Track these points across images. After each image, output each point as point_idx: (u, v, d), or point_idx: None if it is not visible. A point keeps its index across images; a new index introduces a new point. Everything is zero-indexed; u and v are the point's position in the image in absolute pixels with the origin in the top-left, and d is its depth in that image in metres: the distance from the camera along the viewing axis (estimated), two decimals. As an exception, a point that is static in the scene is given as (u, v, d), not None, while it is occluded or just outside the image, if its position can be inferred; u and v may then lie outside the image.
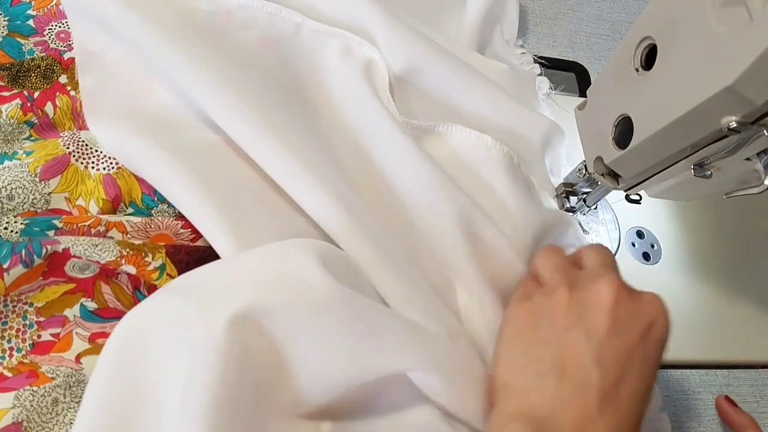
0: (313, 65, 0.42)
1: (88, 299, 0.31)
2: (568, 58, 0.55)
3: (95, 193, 0.34)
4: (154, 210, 0.35)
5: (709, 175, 0.31)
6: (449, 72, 0.43)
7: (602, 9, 0.61)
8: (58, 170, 0.34)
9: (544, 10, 0.58)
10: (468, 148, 0.41)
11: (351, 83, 0.41)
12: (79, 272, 0.31)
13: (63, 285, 0.30)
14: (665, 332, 0.30)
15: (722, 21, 0.26)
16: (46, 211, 0.33)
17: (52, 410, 0.29)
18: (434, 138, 0.42)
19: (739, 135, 0.27)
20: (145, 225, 0.33)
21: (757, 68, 0.24)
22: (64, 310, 0.30)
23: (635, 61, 0.32)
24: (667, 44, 0.30)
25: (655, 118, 0.30)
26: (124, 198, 0.35)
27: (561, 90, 0.51)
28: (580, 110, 0.39)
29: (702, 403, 0.41)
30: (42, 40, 0.39)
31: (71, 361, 0.30)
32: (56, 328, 0.30)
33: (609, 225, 0.47)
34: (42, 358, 0.29)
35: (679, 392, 0.42)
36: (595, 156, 0.37)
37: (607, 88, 0.36)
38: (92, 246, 0.30)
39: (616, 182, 0.37)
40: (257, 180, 0.35)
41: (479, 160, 0.41)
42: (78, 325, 0.30)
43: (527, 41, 0.55)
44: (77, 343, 0.30)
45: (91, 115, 0.36)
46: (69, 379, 0.29)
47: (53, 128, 0.36)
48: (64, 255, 0.29)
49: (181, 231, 0.34)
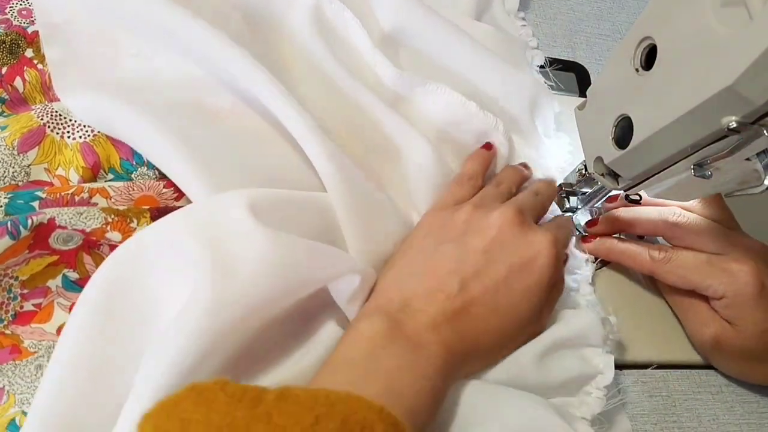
0: (281, 26, 0.42)
1: (70, 270, 0.31)
2: (568, 58, 0.55)
3: (74, 162, 0.34)
4: (133, 174, 0.36)
5: (709, 175, 0.31)
6: (436, 32, 0.44)
7: (602, 9, 0.61)
8: (34, 142, 0.34)
9: (544, 10, 0.58)
10: (450, 113, 0.42)
11: (319, 46, 0.41)
12: (63, 244, 0.31)
13: (47, 257, 0.31)
14: (542, 269, 0.32)
15: (722, 21, 0.26)
16: (27, 183, 0.33)
17: (36, 373, 0.29)
18: (415, 101, 0.43)
19: (739, 135, 0.27)
20: (127, 188, 0.34)
21: (757, 68, 0.24)
22: (47, 281, 0.31)
23: (635, 61, 0.32)
24: (667, 44, 0.30)
25: (655, 118, 0.30)
26: (103, 164, 0.35)
27: (561, 90, 0.51)
28: (580, 110, 0.39)
29: (702, 403, 0.41)
30: (4, 18, 0.39)
31: (53, 334, 0.30)
32: (38, 299, 0.31)
33: (609, 225, 0.47)
34: (23, 329, 0.30)
35: (679, 392, 0.42)
36: (595, 156, 0.37)
37: (607, 88, 0.36)
38: (77, 215, 0.30)
39: (616, 182, 0.37)
40: (233, 134, 0.36)
41: (460, 127, 0.42)
42: (60, 295, 0.31)
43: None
44: (59, 314, 0.31)
45: (61, 86, 0.36)
46: (51, 350, 0.30)
47: (24, 102, 0.37)
48: (49, 226, 0.30)
49: (164, 191, 0.35)
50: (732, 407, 0.42)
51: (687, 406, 0.41)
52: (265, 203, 0.30)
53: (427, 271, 0.31)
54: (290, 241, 0.29)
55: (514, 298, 0.31)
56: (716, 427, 0.41)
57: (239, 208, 0.29)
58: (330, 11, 0.43)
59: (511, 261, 0.31)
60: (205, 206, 0.30)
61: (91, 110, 0.35)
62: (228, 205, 0.29)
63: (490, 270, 0.31)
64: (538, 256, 0.32)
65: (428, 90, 0.42)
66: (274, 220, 0.29)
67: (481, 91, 0.44)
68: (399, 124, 0.39)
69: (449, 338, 0.29)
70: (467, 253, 0.31)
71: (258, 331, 0.29)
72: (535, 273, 0.31)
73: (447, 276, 0.31)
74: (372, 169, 0.39)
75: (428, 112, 0.42)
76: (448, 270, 0.31)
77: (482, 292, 0.30)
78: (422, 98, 0.43)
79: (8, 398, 0.28)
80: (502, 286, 0.31)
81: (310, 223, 0.33)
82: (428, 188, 0.38)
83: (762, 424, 0.41)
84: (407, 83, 0.42)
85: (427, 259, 0.32)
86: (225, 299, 0.26)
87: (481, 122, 0.42)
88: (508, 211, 0.33)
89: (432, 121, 0.42)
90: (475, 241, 0.32)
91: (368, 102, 0.40)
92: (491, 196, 0.36)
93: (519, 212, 0.33)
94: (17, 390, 0.28)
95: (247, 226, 0.28)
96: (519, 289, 0.31)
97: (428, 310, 0.29)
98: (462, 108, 0.42)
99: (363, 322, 0.29)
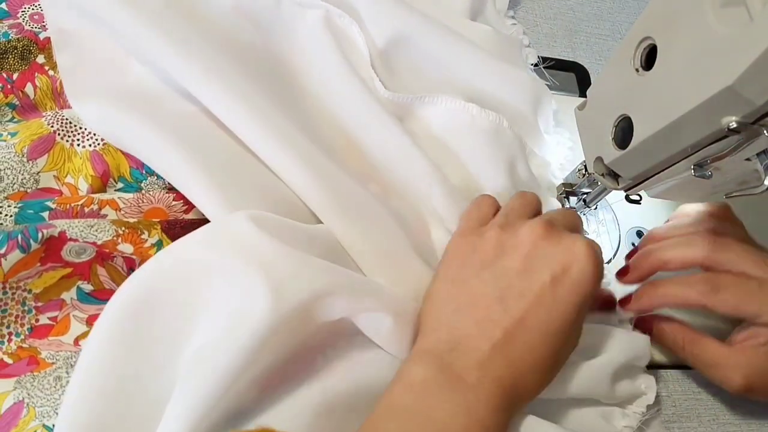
0: (292, 37, 0.42)
1: (84, 282, 0.31)
2: (568, 58, 0.55)
3: (83, 170, 0.34)
4: (143, 183, 0.35)
5: (709, 175, 0.31)
6: (434, 40, 0.44)
7: (602, 9, 0.61)
8: (44, 149, 0.34)
9: (544, 10, 0.58)
10: (453, 119, 0.42)
11: (330, 56, 0.41)
12: (76, 257, 0.31)
13: (60, 270, 0.31)
14: (583, 275, 0.30)
15: (722, 21, 0.26)
16: (36, 191, 0.33)
17: (55, 385, 0.29)
18: (419, 113, 0.43)
19: (739, 135, 0.27)
20: (137, 200, 0.34)
21: (757, 68, 0.24)
22: (61, 293, 0.31)
23: (635, 61, 0.32)
24: (667, 44, 0.30)
25: (655, 118, 0.30)
26: (113, 173, 0.35)
27: (561, 90, 0.51)
28: (580, 110, 0.39)
29: (702, 403, 0.41)
30: (16, 22, 0.38)
31: (70, 345, 0.30)
32: (54, 312, 0.30)
33: (609, 225, 0.47)
34: (41, 342, 0.30)
35: (679, 392, 0.41)
36: (595, 156, 0.37)
37: (607, 88, 0.36)
38: (88, 227, 0.30)
39: (616, 182, 0.37)
40: (242, 148, 0.35)
41: (464, 131, 0.42)
42: (75, 307, 0.31)
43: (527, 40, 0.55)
44: (75, 326, 0.30)
45: (73, 94, 0.36)
46: (69, 361, 0.30)
47: (35, 109, 0.36)
48: (60, 239, 0.30)
49: (173, 203, 0.35)
50: (732, 407, 0.42)
51: (687, 406, 0.41)
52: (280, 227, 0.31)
53: (471, 304, 0.30)
54: (325, 266, 0.29)
55: (562, 311, 0.30)
56: (716, 427, 0.41)
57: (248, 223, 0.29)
58: (341, 23, 0.43)
59: (551, 270, 0.30)
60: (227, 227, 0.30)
61: (101, 121, 0.35)
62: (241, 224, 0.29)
63: (532, 286, 0.30)
64: (578, 260, 0.30)
65: (426, 103, 0.42)
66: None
67: (483, 93, 0.44)
68: (402, 143, 0.39)
69: (500, 371, 0.28)
70: (505, 277, 0.30)
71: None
72: (577, 277, 0.30)
73: (491, 305, 0.30)
74: (375, 181, 0.39)
75: (431, 123, 0.42)
76: (491, 298, 0.30)
77: (529, 311, 0.29)
78: (423, 111, 0.43)
79: (28, 411, 0.28)
80: (547, 298, 0.29)
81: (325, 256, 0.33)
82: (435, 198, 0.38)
83: (762, 424, 0.41)
84: (403, 101, 0.42)
85: (467, 292, 0.31)
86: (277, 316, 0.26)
87: (485, 122, 0.42)
88: (537, 225, 0.32)
89: (437, 133, 0.42)
90: (510, 262, 0.31)
91: (373, 117, 0.39)
92: (516, 212, 0.35)
93: (548, 224, 0.32)
94: (37, 403, 0.28)
95: (272, 246, 0.28)
96: (566, 300, 0.30)
97: (478, 345, 0.29)
98: (464, 112, 0.42)
99: (414, 367, 0.28)
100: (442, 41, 0.44)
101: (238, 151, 0.35)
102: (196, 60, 0.34)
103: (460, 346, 0.29)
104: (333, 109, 0.41)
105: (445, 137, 0.42)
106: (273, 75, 0.39)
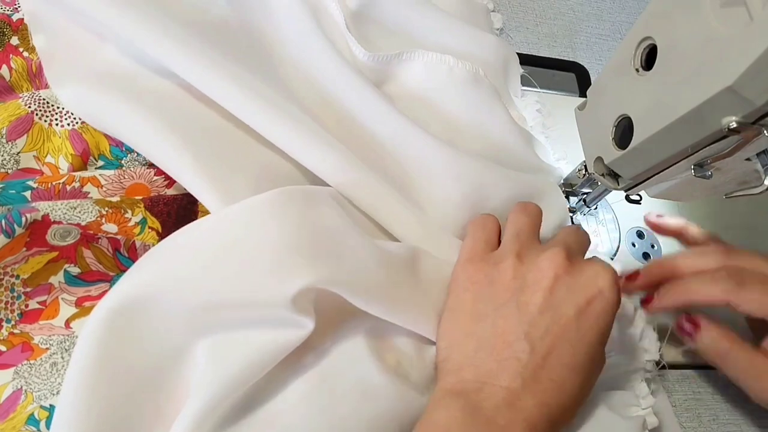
0: (267, 10, 0.42)
1: (71, 265, 0.31)
2: (568, 58, 0.55)
3: (63, 150, 0.34)
4: (123, 160, 0.35)
5: (709, 175, 0.31)
6: (403, 5, 0.44)
7: (602, 9, 0.61)
8: (23, 130, 0.34)
9: (544, 10, 0.58)
10: (431, 74, 0.42)
11: (305, 26, 0.41)
12: (61, 240, 0.31)
13: (46, 254, 0.31)
14: (607, 306, 0.30)
15: (722, 21, 0.26)
16: (17, 171, 0.33)
17: (51, 371, 0.29)
18: (397, 74, 0.43)
19: (739, 135, 0.27)
20: (118, 177, 0.34)
21: (757, 68, 0.24)
22: (49, 277, 0.31)
23: (635, 61, 0.32)
24: (667, 44, 0.30)
25: (655, 118, 0.30)
26: (93, 151, 0.35)
27: (561, 90, 0.51)
28: (580, 110, 0.39)
29: (702, 403, 0.41)
30: None
31: (61, 328, 0.30)
32: (42, 296, 0.30)
33: (609, 225, 0.47)
34: (32, 327, 0.30)
35: (679, 392, 0.42)
36: (595, 156, 0.37)
37: (607, 88, 0.36)
38: (71, 209, 0.30)
39: (616, 182, 0.37)
40: (223, 120, 0.35)
41: (443, 83, 0.42)
42: (63, 290, 0.31)
43: (528, 41, 0.55)
44: (65, 309, 0.30)
45: (53, 77, 0.35)
46: (63, 345, 0.30)
47: (11, 91, 0.36)
48: (44, 222, 0.30)
49: (155, 178, 0.35)
50: (732, 407, 0.42)
51: (687, 406, 0.41)
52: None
53: (495, 342, 0.29)
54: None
55: (586, 339, 0.29)
56: (716, 427, 0.41)
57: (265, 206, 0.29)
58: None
59: (576, 305, 0.29)
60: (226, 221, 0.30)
61: (80, 102, 0.34)
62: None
63: (557, 322, 0.29)
64: (601, 291, 0.30)
65: (403, 59, 0.42)
66: None
67: (454, 53, 0.44)
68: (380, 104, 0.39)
69: (530, 410, 0.27)
70: (528, 313, 0.29)
71: None
72: (601, 308, 0.29)
73: (516, 342, 0.29)
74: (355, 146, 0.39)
75: (410, 82, 0.43)
76: (515, 336, 0.29)
77: (553, 345, 0.29)
78: (401, 71, 0.43)
79: (26, 397, 0.28)
80: (572, 333, 0.29)
81: None
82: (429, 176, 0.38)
83: (762, 424, 0.41)
84: (382, 61, 0.42)
85: (489, 328, 0.30)
86: None
87: (463, 71, 0.42)
88: (557, 256, 0.30)
89: (416, 91, 0.42)
90: (533, 297, 0.30)
91: (350, 83, 0.39)
92: (526, 234, 0.33)
93: (568, 254, 0.31)
94: (35, 388, 0.28)
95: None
96: (591, 333, 0.29)
97: (506, 384, 0.28)
98: (441, 64, 0.42)
99: (439, 411, 0.27)
100: (412, 6, 0.45)
101: (218, 124, 0.35)
102: (172, 35, 0.34)
103: (486, 387, 0.28)
104: (311, 77, 0.41)
105: (426, 94, 0.42)
106: (250, 48, 0.39)
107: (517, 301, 0.30)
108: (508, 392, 0.27)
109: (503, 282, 0.31)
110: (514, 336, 0.29)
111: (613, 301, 0.30)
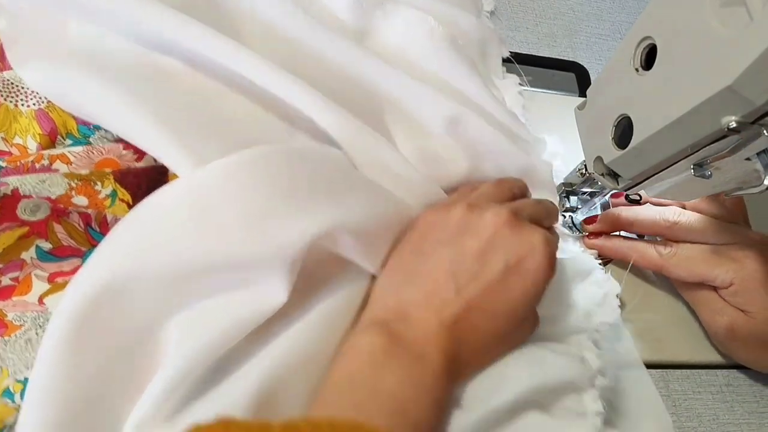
0: None
1: (42, 240, 0.31)
2: (568, 58, 0.55)
3: (30, 130, 0.34)
4: (91, 138, 0.35)
5: (709, 175, 0.31)
6: None
7: (602, 9, 0.61)
8: None
9: (544, 10, 0.58)
10: (412, 31, 0.42)
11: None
12: (31, 215, 0.31)
13: (17, 229, 0.31)
14: (537, 266, 0.31)
15: (722, 21, 0.26)
16: None
17: (26, 347, 0.29)
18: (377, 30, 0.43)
19: (739, 135, 0.27)
20: (87, 153, 0.33)
21: (757, 68, 0.24)
22: (21, 253, 0.30)
23: (635, 61, 0.32)
24: (667, 44, 0.30)
25: (655, 118, 0.30)
26: (60, 130, 0.35)
27: (561, 90, 0.51)
28: (580, 110, 0.39)
29: (702, 403, 0.41)
30: None
31: (35, 304, 0.30)
32: (15, 272, 0.30)
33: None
34: (5, 303, 0.30)
35: (679, 392, 0.42)
36: (595, 156, 0.37)
37: (607, 88, 0.36)
38: (40, 182, 0.30)
39: (616, 182, 0.37)
40: (194, 95, 0.34)
41: (424, 41, 0.42)
42: (36, 266, 0.31)
43: (528, 41, 0.55)
44: (37, 285, 0.30)
45: (15, 59, 0.34)
46: (37, 321, 0.30)
47: None
48: (13, 197, 0.30)
49: (124, 152, 0.34)
50: (732, 407, 0.42)
51: (687, 406, 0.41)
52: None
53: (423, 277, 0.31)
54: None
55: (512, 299, 0.30)
56: (716, 427, 0.41)
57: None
58: None
59: (506, 259, 0.31)
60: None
61: (45, 82, 0.33)
62: None
63: (486, 271, 0.30)
64: (533, 253, 0.31)
65: (387, 12, 0.42)
66: None
67: None
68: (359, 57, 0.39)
69: (449, 346, 0.29)
70: (463, 256, 0.31)
71: None
72: (530, 268, 0.31)
73: (443, 280, 0.30)
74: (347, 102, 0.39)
75: (390, 39, 0.42)
76: (444, 274, 0.30)
77: (480, 294, 0.30)
78: (381, 27, 0.43)
79: (1, 372, 0.28)
80: (499, 287, 0.30)
81: None
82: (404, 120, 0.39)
83: (762, 424, 0.41)
84: (365, 7, 0.42)
85: (422, 264, 0.31)
86: None
87: (442, 35, 0.42)
88: (503, 212, 0.32)
89: (395, 51, 0.42)
90: (469, 243, 0.31)
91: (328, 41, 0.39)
92: (488, 195, 0.35)
93: (514, 212, 0.32)
94: (9, 364, 0.28)
95: None
96: (516, 289, 0.31)
97: (427, 318, 0.29)
98: (423, 22, 0.42)
99: (362, 337, 0.28)
100: None
101: (189, 97, 0.34)
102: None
103: (407, 318, 0.29)
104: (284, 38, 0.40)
105: (404, 53, 0.42)
106: (219, 24, 0.37)
107: (455, 244, 0.31)
108: (427, 324, 0.29)
109: (448, 224, 0.32)
110: (444, 275, 0.30)
111: (543, 265, 0.31)
